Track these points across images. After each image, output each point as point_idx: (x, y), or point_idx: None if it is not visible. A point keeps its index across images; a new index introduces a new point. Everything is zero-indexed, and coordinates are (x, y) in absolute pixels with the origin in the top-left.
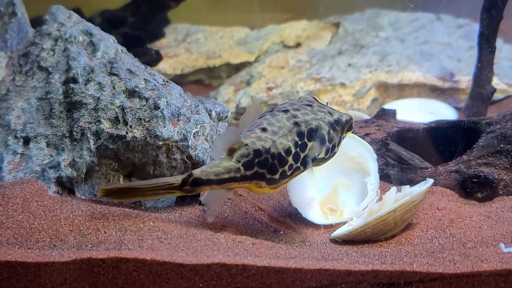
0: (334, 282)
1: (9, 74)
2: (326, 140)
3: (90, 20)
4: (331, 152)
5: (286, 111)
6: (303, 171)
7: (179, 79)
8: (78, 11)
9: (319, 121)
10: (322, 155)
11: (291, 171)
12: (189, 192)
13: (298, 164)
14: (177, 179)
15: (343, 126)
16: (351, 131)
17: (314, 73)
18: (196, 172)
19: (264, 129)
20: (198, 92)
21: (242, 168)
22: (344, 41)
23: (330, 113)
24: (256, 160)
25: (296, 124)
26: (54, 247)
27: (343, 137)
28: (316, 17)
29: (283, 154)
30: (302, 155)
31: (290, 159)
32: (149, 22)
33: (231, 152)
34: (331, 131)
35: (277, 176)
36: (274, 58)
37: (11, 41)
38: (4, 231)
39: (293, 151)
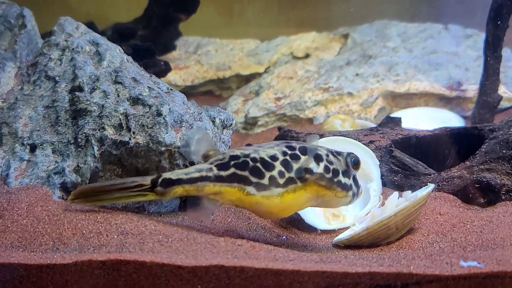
0: (331, 284)
1: (17, 83)
2: (324, 159)
3: (102, 33)
4: (333, 174)
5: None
6: (301, 187)
7: (190, 90)
8: (91, 24)
9: (316, 146)
10: (320, 170)
11: (283, 179)
12: (162, 194)
13: (292, 175)
14: (146, 179)
15: (345, 157)
16: (357, 166)
17: (322, 83)
18: (166, 174)
19: (249, 145)
20: (208, 103)
21: (214, 168)
22: (352, 52)
23: (336, 150)
24: (232, 162)
25: (287, 142)
26: (57, 250)
27: (350, 171)
28: (326, 29)
29: (267, 158)
30: (295, 166)
31: (277, 164)
32: (161, 35)
33: (205, 158)
34: (330, 155)
35: (266, 181)
36: (283, 69)
37: (20, 52)
38: (8, 235)
39: (281, 158)
